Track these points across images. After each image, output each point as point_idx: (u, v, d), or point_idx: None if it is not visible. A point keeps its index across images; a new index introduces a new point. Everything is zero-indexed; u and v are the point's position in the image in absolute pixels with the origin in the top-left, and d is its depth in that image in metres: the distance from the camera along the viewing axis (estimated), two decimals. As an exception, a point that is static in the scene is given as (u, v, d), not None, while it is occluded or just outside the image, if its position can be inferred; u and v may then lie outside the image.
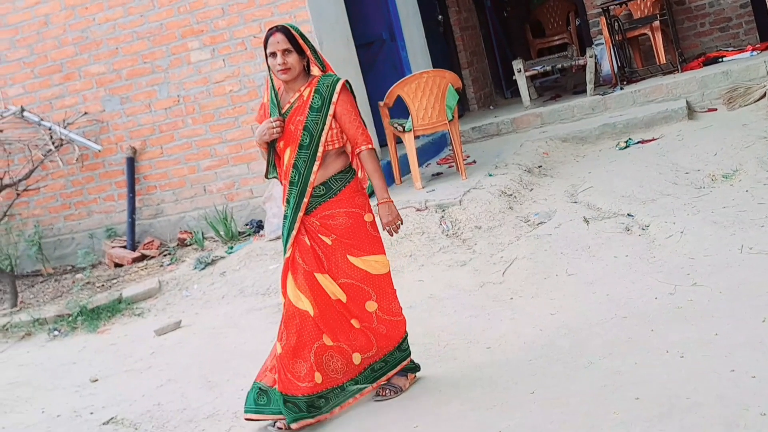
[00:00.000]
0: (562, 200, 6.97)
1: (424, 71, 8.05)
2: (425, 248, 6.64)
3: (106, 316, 7.17)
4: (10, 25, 8.76)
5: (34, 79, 8.81)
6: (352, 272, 4.33)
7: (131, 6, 8.27)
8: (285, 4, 7.74)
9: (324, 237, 4.30)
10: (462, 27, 11.42)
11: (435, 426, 4.07)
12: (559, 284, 5.53)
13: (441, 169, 8.60)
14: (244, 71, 7.97)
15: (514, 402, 4.11)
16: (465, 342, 5.00)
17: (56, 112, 8.71)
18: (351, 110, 4.28)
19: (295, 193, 4.26)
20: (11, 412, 5.67)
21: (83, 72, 8.59)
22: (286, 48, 4.19)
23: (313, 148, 4.22)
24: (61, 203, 9.02)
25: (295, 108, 4.25)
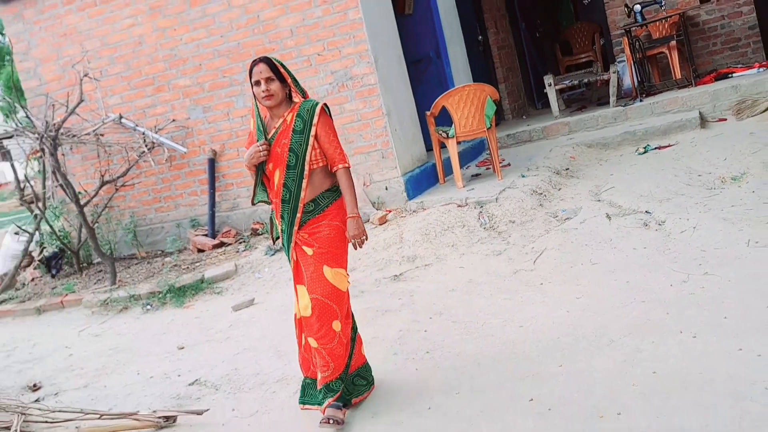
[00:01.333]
0: (587, 199, 6.91)
1: (466, 85, 8.00)
2: (465, 239, 6.62)
3: (190, 294, 7.23)
4: (110, 45, 8.86)
5: (131, 91, 8.89)
6: (323, 287, 4.08)
7: (213, 28, 8.34)
8: (345, 26, 7.73)
9: (307, 248, 4.12)
10: (499, 46, 11.35)
11: (475, 394, 4.06)
12: (584, 272, 5.47)
13: (479, 170, 8.56)
14: (309, 84, 7.97)
15: (544, 374, 4.08)
16: (501, 321, 4.98)
17: (149, 119, 8.80)
18: (329, 132, 4.10)
19: (288, 209, 4.11)
20: (112, 374, 5.79)
21: (172, 85, 8.67)
22: (268, 76, 4.03)
23: (299, 168, 4.05)
24: (153, 197, 9.11)
25: (280, 132, 4.08)
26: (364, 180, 7.92)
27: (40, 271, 9.19)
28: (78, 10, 8.92)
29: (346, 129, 7.90)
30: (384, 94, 7.78)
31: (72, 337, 6.95)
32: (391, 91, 7.97)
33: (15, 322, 7.95)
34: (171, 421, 4.55)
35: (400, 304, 5.71)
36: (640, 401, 3.57)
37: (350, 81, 7.82)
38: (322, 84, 7.93)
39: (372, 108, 7.80)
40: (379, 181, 7.90)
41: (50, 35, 9.12)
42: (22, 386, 5.84)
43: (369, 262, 6.66)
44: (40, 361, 6.43)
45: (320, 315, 4.07)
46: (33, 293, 8.57)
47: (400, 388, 4.35)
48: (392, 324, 5.34)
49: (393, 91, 8.01)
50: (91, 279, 8.55)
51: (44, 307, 8.00)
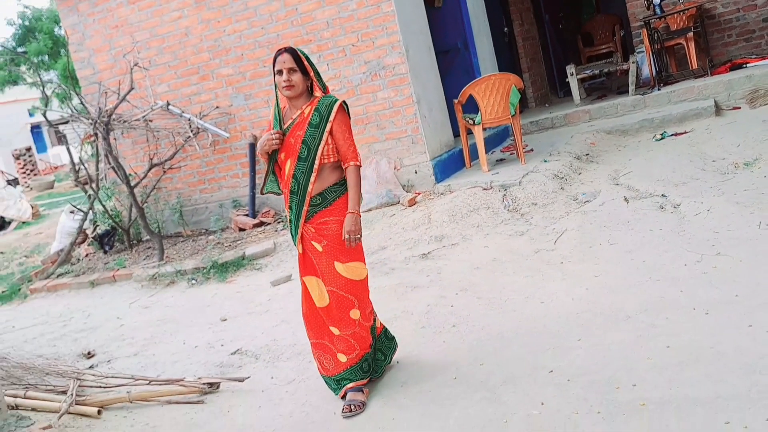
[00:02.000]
0: (606, 183, 6.86)
1: (492, 74, 7.96)
2: (490, 220, 6.61)
3: (232, 270, 7.30)
4: (159, 35, 8.93)
5: (177, 80, 8.96)
6: (337, 281, 3.96)
7: (254, 20, 8.36)
8: (378, 18, 7.72)
9: (316, 243, 3.97)
10: (524, 37, 11.25)
11: (499, 365, 4.07)
12: (603, 252, 5.44)
13: (504, 156, 8.53)
14: (344, 74, 7.99)
15: (563, 347, 4.09)
16: (523, 297, 4.98)
17: (194, 106, 8.86)
18: (345, 129, 3.95)
19: (296, 201, 3.98)
20: (160, 343, 5.88)
21: (215, 74, 8.72)
22: (291, 67, 3.88)
23: (310, 161, 3.90)
24: (198, 179, 9.19)
25: (296, 124, 3.94)
26: (395, 164, 7.93)
27: (93, 247, 9.33)
28: (129, 2, 9.00)
29: (378, 116, 7.91)
30: (414, 82, 7.77)
31: (123, 309, 7.08)
32: (421, 80, 7.95)
33: (71, 295, 8.10)
34: (215, 388, 4.61)
35: (429, 280, 5.73)
36: (654, 373, 3.56)
37: (383, 70, 7.81)
38: (356, 73, 7.93)
39: (403, 96, 7.79)
40: (409, 165, 7.91)
41: (103, 27, 9.20)
42: (78, 354, 5.95)
43: (399, 241, 6.68)
44: (94, 331, 6.56)
45: (338, 305, 3.98)
46: (87, 268, 8.70)
47: (428, 359, 4.37)
48: (421, 299, 5.37)
49: (423, 80, 7.99)
50: (141, 255, 8.66)
51: (97, 281, 8.13)
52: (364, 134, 8.05)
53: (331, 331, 4.04)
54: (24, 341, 6.62)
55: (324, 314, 4.04)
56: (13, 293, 8.65)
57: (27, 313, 7.77)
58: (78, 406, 4.53)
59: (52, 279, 8.65)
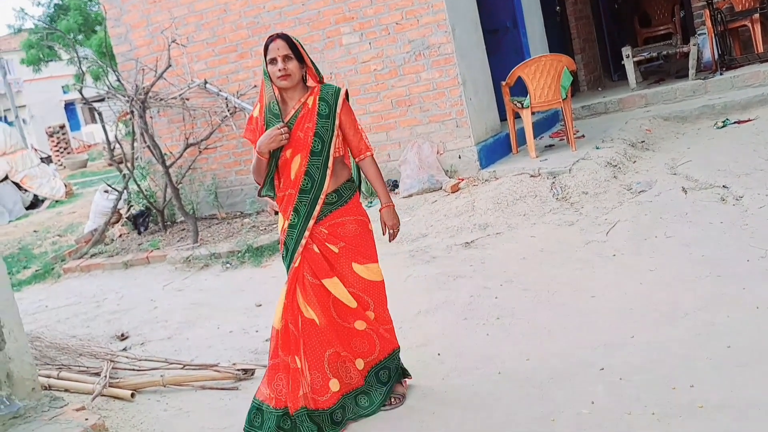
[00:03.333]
0: (663, 172, 6.75)
1: (543, 55, 7.88)
2: (537, 209, 6.55)
3: (267, 254, 7.32)
4: (197, 12, 8.95)
5: (215, 57, 8.98)
6: (356, 282, 3.76)
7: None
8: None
9: (331, 245, 3.72)
10: (577, 17, 11.11)
11: (546, 360, 4.03)
12: (658, 245, 5.35)
13: (553, 141, 8.44)
14: (387, 53, 7.94)
15: (615, 344, 4.02)
16: (572, 290, 4.91)
17: (231, 85, 8.87)
18: (353, 119, 3.76)
19: (306, 201, 3.68)
20: (194, 327, 5.94)
21: (254, 52, 8.70)
22: (286, 54, 3.61)
23: (325, 155, 3.66)
24: (234, 160, 9.22)
25: (301, 116, 3.66)
26: (438, 148, 7.88)
27: (127, 227, 9.45)
28: (167, -23, 9.05)
29: (421, 97, 7.86)
30: (460, 63, 7.69)
31: (157, 291, 7.17)
32: (467, 60, 7.87)
33: (104, 275, 8.23)
34: (249, 374, 4.63)
35: (471, 270, 5.68)
36: (713, 374, 3.49)
37: (427, 50, 7.74)
38: (400, 53, 7.87)
39: (448, 77, 7.72)
40: (452, 149, 7.85)
41: (141, 2, 9.26)
42: (111, 335, 6.05)
43: (441, 229, 6.64)
44: (127, 313, 6.65)
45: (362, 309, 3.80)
46: (120, 248, 8.82)
47: (470, 353, 4.34)
48: (463, 289, 5.33)
49: (469, 60, 7.91)
50: (175, 237, 8.75)
51: (131, 262, 8.25)
52: (406, 116, 8.01)
53: (353, 330, 3.80)
54: (57, 321, 6.75)
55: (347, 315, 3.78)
56: (46, 272, 8.81)
57: (60, 293, 7.92)
58: (111, 388, 4.61)
59: (86, 259, 8.79)
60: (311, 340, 3.71)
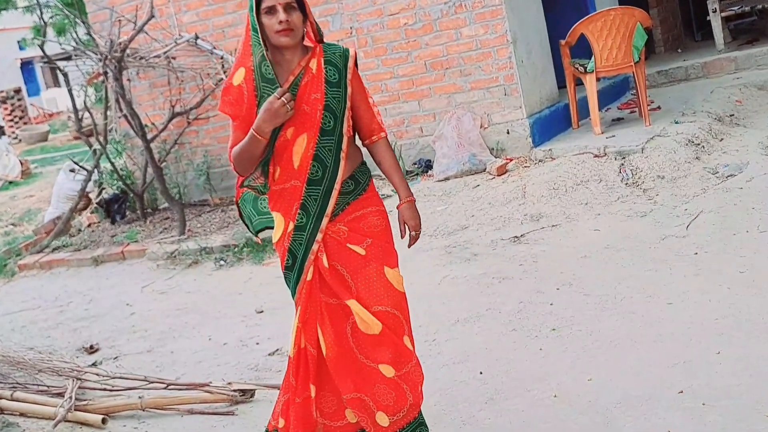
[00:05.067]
0: (756, 152, 6.78)
1: (611, 8, 7.90)
2: (602, 197, 6.59)
3: (271, 249, 7.33)
4: (187, -49, 9.05)
5: (208, 7, 9.04)
6: (389, 295, 3.47)
7: (307, -69, 8.39)
8: (466, -67, 7.72)
9: (356, 246, 3.46)
10: (653, -38, 11.11)
11: (612, 381, 4.08)
12: (750, 241, 5.38)
13: (622, 114, 8.46)
14: (420, 3, 7.98)
15: (697, 361, 4.07)
16: (644, 296, 4.96)
17: (228, 41, 8.91)
18: (365, 90, 3.56)
19: (317, 194, 3.42)
20: (180, 338, 6.01)
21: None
22: (289, 2, 3.31)
23: (338, 134, 3.42)
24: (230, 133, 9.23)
25: (304, 83, 3.39)
26: (482, 121, 7.93)
27: (98, 215, 9.52)
28: None
29: (462, 58, 7.92)
30: (510, 17, 7.74)
31: (134, 294, 7.24)
32: (519, 13, 7.92)
33: (69, 273, 8.32)
34: (248, 396, 4.67)
35: (521, 270, 5.75)
36: (816, 399, 3.54)
37: (470, 0, 7.78)
38: (436, 3, 7.92)
39: (495, 34, 7.76)
40: (499, 123, 7.90)
41: (117, -61, 9.36)
42: (77, 347, 6.12)
43: (484, 220, 6.70)
44: (98, 320, 6.72)
45: (394, 329, 3.48)
46: (90, 241, 8.91)
47: (519, 371, 4.39)
48: (511, 294, 5.39)
49: (521, 13, 7.96)
50: (157, 227, 8.84)
51: (102, 258, 8.35)
52: (443, 81, 8.08)
53: (378, 374, 3.47)
54: (11, 329, 6.81)
55: (370, 347, 3.47)
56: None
57: (15, 295, 8.01)
58: (78, 412, 4.59)
59: (47, 253, 8.90)
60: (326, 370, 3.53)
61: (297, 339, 3.50)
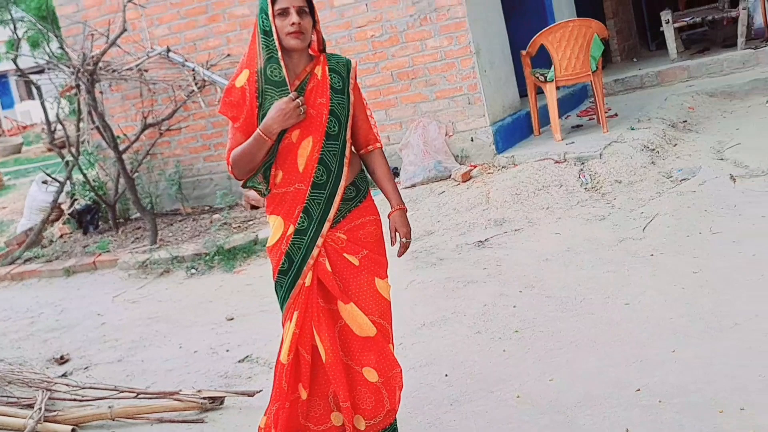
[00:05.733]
0: (708, 157, 6.84)
1: (570, 20, 7.97)
2: (563, 201, 6.63)
3: (242, 257, 7.34)
4: (157, -34, 9.00)
5: (180, 20, 9.00)
6: (378, 305, 3.48)
7: (275, -53, 8.38)
8: (431, -53, 7.74)
9: (351, 256, 3.44)
10: (609, -25, 11.20)
11: (572, 381, 4.09)
12: (703, 242, 5.43)
13: (581, 121, 8.52)
14: (387, 16, 7.99)
15: (653, 360, 4.09)
16: (602, 297, 4.98)
17: (200, 54, 8.88)
18: (364, 100, 3.56)
19: (321, 198, 3.38)
20: (150, 346, 5.92)
21: (228, 14, 8.74)
22: (302, 6, 3.30)
23: (342, 139, 3.40)
24: (202, 144, 9.24)
25: (310, 88, 3.38)
26: (447, 129, 7.95)
27: (70, 226, 9.41)
28: (121, -76, 9.06)
29: (427, 69, 7.94)
30: (473, 29, 7.77)
31: (105, 303, 7.13)
32: (482, 25, 7.95)
33: (40, 284, 8.19)
34: (218, 403, 4.62)
35: (485, 274, 5.75)
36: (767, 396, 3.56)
37: (434, 13, 7.81)
38: (402, 16, 7.93)
39: (459, 45, 7.79)
40: (463, 130, 7.92)
41: (90, -45, 9.29)
42: (48, 358, 6.01)
43: (449, 225, 6.72)
44: (69, 330, 6.61)
45: (383, 337, 3.51)
46: (62, 251, 8.79)
47: (483, 373, 4.39)
48: (475, 297, 5.40)
49: (484, 25, 8.00)
50: (129, 237, 8.75)
51: (74, 268, 8.23)
52: (409, 91, 8.09)
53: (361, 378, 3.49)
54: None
55: (358, 351, 3.48)
56: (-32, 281, 8.72)
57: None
58: (47, 423, 4.53)
59: (18, 264, 8.77)
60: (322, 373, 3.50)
61: (292, 345, 3.43)
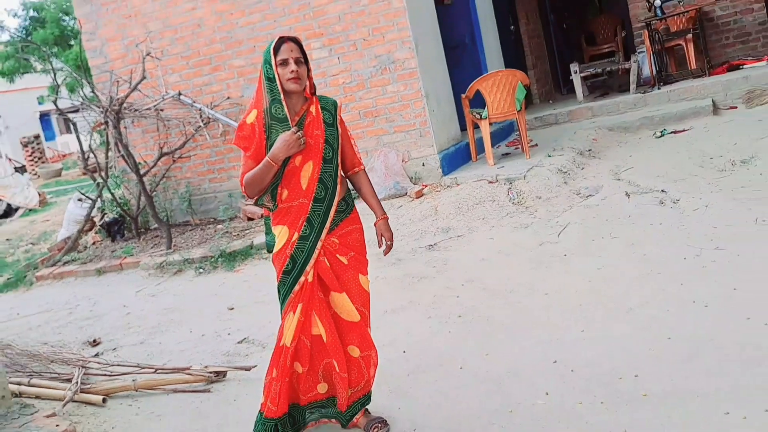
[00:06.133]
0: (608, 178, 6.89)
1: (498, 70, 8.00)
2: (495, 213, 6.64)
3: (240, 259, 7.29)
4: (172, 26, 8.92)
5: (189, 70, 8.96)
6: (360, 296, 3.55)
7: (267, 13, 8.36)
8: (389, 13, 7.74)
9: (342, 256, 3.49)
10: (529, 35, 11.28)
11: (504, 356, 4.10)
12: (605, 245, 5.48)
13: (509, 150, 8.57)
14: (355, 67, 8.00)
15: (567, 339, 4.13)
16: (527, 289, 5.01)
17: (205, 96, 8.84)
18: (348, 131, 3.59)
19: (320, 210, 3.41)
20: (167, 332, 5.85)
21: (227, 65, 8.71)
22: (299, 57, 3.36)
23: (335, 163, 3.43)
24: (207, 168, 9.18)
25: (308, 122, 3.41)
26: (403, 156, 7.96)
27: (100, 235, 9.30)
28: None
29: (387, 109, 7.95)
30: (423, 77, 7.80)
31: (130, 297, 7.05)
32: (430, 74, 7.98)
33: (77, 282, 8.07)
34: (221, 376, 4.58)
35: (435, 271, 5.76)
36: (655, 365, 3.60)
37: (392, 65, 7.84)
38: (367, 67, 7.95)
39: (412, 90, 7.82)
40: (416, 157, 7.94)
41: (116, 16, 9.20)
42: (83, 341, 5.91)
43: (406, 233, 6.71)
44: (100, 319, 6.52)
45: (363, 323, 3.56)
46: (94, 255, 8.67)
47: (434, 350, 4.40)
48: (427, 290, 5.40)
49: (431, 74, 8.03)
50: (148, 243, 8.66)
51: (104, 269, 8.12)
52: (373, 126, 8.09)
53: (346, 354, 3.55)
54: (29, 329, 6.57)
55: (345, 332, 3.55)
56: (18, 281, 8.57)
57: (32, 301, 7.72)
58: (83, 394, 4.48)
59: (59, 266, 8.64)
60: (316, 353, 3.55)
61: (297, 331, 3.45)
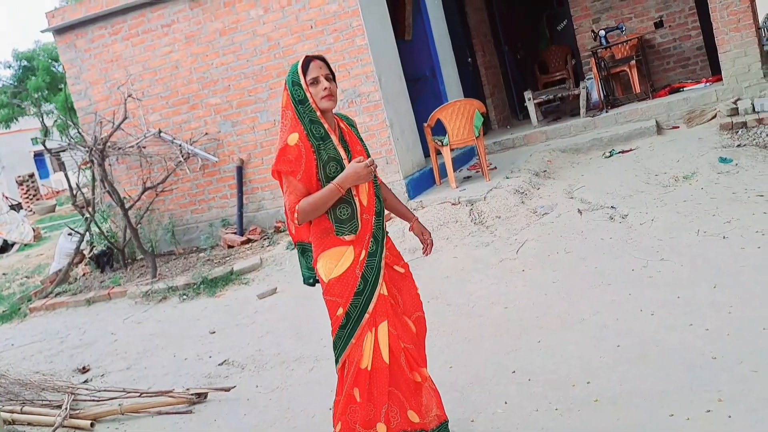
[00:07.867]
0: (562, 196, 6.90)
1: (457, 100, 8.02)
2: (458, 233, 6.63)
3: (221, 285, 7.21)
4: (151, 69, 8.88)
5: (168, 109, 8.90)
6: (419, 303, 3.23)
7: (240, 54, 8.35)
8: (353, 50, 7.76)
9: (397, 267, 3.17)
10: (486, 67, 11.34)
11: (466, 367, 4.07)
12: (559, 260, 5.48)
13: (470, 173, 8.56)
14: (322, 101, 8.00)
15: (524, 348, 4.11)
16: (488, 303, 4.99)
17: (185, 133, 8.78)
18: None
19: (380, 223, 3.09)
20: (152, 357, 5.77)
21: (204, 103, 8.68)
22: (328, 73, 2.98)
23: (375, 178, 3.14)
24: (189, 200, 9.10)
25: (348, 140, 3.09)
26: (370, 183, 7.93)
27: (90, 267, 9.18)
28: (123, 39, 8.95)
29: (354, 139, 7.94)
30: (387, 108, 7.80)
31: (117, 325, 6.94)
32: (393, 105, 7.99)
33: (68, 312, 7.93)
34: (202, 398, 4.54)
35: (402, 289, 5.70)
36: (606, 371, 3.59)
37: (358, 98, 7.84)
38: (332, 104, 7.93)
39: (377, 120, 7.82)
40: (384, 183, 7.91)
41: (99, 61, 9.14)
42: (73, 369, 5.82)
43: (374, 254, 6.66)
44: (89, 347, 6.42)
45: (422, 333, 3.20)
46: (84, 286, 8.54)
47: (401, 362, 4.35)
48: (395, 307, 5.34)
49: (395, 105, 8.03)
50: (135, 273, 8.54)
51: (93, 299, 7.98)
52: (341, 157, 8.04)
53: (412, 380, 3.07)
54: (22, 358, 6.45)
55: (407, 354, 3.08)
56: (13, 312, 8.41)
57: (26, 331, 7.58)
58: (72, 419, 4.43)
59: (51, 298, 8.48)
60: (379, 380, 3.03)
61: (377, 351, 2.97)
